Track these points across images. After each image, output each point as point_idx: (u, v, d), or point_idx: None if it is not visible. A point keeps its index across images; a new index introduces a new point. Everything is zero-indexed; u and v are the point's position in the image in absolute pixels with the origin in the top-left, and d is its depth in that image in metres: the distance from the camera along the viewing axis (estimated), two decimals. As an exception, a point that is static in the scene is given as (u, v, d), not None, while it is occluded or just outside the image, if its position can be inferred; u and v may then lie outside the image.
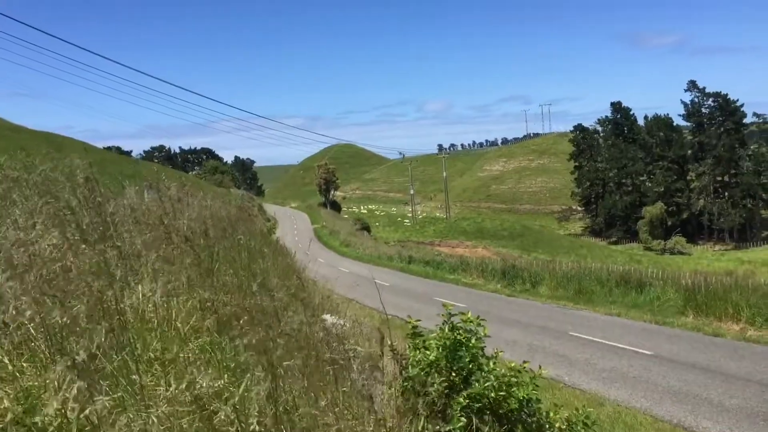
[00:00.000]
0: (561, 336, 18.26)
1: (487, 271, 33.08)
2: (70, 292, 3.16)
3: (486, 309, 21.09)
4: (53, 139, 56.02)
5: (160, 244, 5.57)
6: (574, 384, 13.76)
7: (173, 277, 4.64)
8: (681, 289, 20.99)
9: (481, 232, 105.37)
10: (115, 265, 4.32)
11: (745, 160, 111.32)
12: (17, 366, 2.57)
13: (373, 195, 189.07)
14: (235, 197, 55.73)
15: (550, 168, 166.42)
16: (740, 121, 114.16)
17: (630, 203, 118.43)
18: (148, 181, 9.03)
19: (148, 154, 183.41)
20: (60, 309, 3.08)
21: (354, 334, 8.51)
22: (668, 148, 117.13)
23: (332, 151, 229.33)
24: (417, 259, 45.10)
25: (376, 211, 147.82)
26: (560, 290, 26.15)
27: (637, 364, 14.76)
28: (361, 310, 19.44)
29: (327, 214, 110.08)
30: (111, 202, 6.72)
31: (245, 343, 3.66)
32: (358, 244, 66.43)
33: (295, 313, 5.55)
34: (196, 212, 8.70)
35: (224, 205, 14.05)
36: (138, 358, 2.84)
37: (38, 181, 6.04)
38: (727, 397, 11.94)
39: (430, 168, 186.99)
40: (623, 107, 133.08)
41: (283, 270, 11.09)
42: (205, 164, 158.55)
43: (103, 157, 55.42)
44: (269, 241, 17.94)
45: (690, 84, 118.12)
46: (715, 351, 15.30)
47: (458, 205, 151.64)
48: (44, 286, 3.04)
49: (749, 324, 17.24)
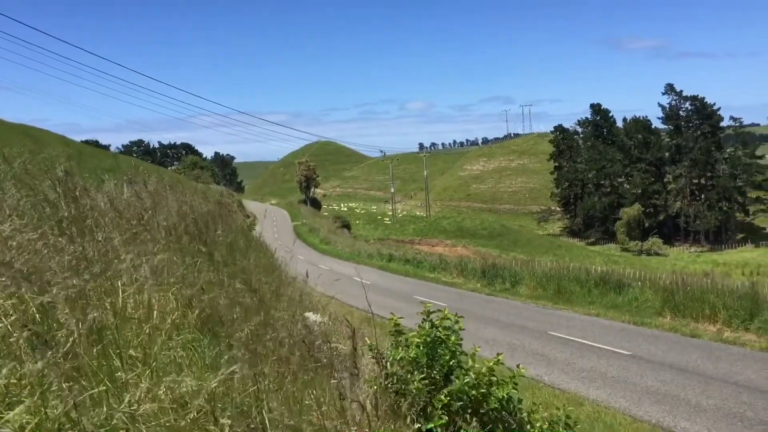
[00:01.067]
0: (540, 335, 18.35)
1: (466, 270, 33.16)
2: (49, 287, 3.09)
3: (466, 308, 21.12)
4: (30, 132, 55.15)
5: (140, 239, 5.50)
6: (554, 383, 13.82)
7: (153, 273, 4.57)
8: (659, 291, 21.18)
9: (461, 231, 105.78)
10: (95, 260, 4.24)
11: (722, 164, 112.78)
12: None
13: (353, 193, 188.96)
14: (215, 193, 55.34)
15: (529, 168, 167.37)
16: (717, 125, 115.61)
17: (608, 204, 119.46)
18: (128, 176, 8.92)
19: (127, 148, 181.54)
20: (38, 303, 3.01)
21: (335, 332, 8.47)
22: (646, 150, 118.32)
23: (313, 148, 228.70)
24: (397, 258, 45.11)
25: (357, 209, 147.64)
26: (540, 290, 26.27)
27: (615, 364, 14.87)
28: (341, 308, 19.37)
29: (307, 212, 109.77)
30: (90, 196, 6.62)
31: (227, 341, 3.61)
32: (338, 242, 66.34)
33: (277, 311, 5.51)
34: (175, 208, 8.61)
35: (204, 201, 13.94)
36: (119, 355, 2.78)
37: (16, 174, 5.92)
38: (704, 397, 12.06)
39: (410, 167, 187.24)
40: (602, 109, 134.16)
41: (264, 267, 11.01)
42: (185, 159, 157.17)
43: (81, 150, 54.62)
44: (249, 238, 17.81)
45: (668, 87, 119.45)
46: (693, 352, 15.46)
47: (438, 204, 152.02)
48: (23, 281, 2.97)
49: (726, 325, 17.44)
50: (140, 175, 9.24)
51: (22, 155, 6.20)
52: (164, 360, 3.35)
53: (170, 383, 2.79)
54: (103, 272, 3.97)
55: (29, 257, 3.54)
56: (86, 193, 6.17)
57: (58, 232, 4.62)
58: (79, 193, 5.96)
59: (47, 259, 3.64)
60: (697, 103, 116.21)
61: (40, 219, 4.84)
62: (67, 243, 4.44)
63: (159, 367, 3.19)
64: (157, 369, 3.12)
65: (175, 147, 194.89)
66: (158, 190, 8.17)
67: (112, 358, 2.95)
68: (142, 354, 3.21)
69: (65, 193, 5.63)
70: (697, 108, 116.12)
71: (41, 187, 5.84)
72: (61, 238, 4.48)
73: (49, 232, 4.56)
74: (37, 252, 3.77)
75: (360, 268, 39.78)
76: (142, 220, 6.54)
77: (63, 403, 2.25)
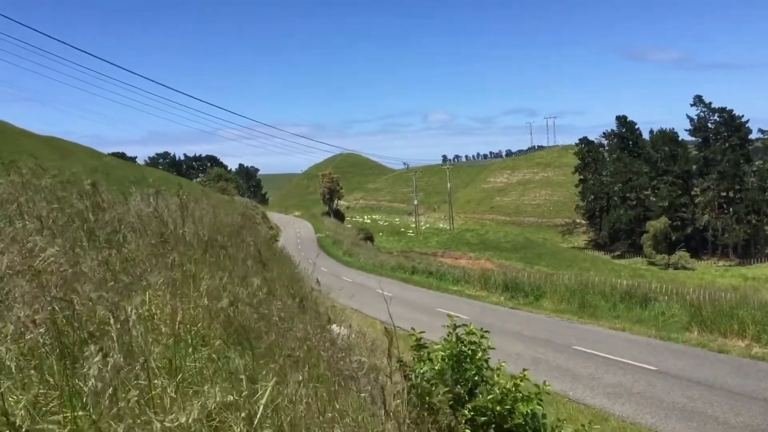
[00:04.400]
0: (565, 350, 18.17)
1: (490, 283, 33.00)
2: (78, 299, 3.14)
3: (489, 321, 21.00)
4: (59, 144, 56.17)
5: (166, 251, 5.56)
6: (579, 399, 13.66)
7: (179, 285, 4.61)
8: (686, 305, 20.90)
9: (485, 244, 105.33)
10: (123, 273, 4.30)
11: (750, 176, 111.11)
12: (26, 374, 2.54)
13: (376, 205, 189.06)
14: (239, 205, 55.78)
15: (554, 181, 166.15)
16: (745, 137, 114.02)
17: (634, 217, 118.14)
18: (155, 188, 9.02)
19: (153, 160, 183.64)
20: (66, 315, 3.05)
21: (358, 344, 8.47)
22: (673, 162, 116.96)
23: (336, 160, 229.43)
24: (420, 270, 45.02)
25: (380, 220, 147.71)
26: (564, 304, 26.05)
27: (642, 379, 14.66)
28: (364, 320, 19.38)
29: (330, 223, 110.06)
30: (117, 209, 6.72)
31: (253, 353, 3.63)
32: (361, 254, 66.35)
33: (302, 323, 5.53)
34: (201, 220, 8.70)
35: (229, 214, 14.05)
36: (145, 367, 2.81)
37: (46, 186, 6.03)
38: (732, 414, 11.84)
39: (434, 179, 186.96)
40: (628, 121, 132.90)
41: (288, 279, 11.06)
42: (210, 171, 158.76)
43: (107, 162, 55.46)
44: (273, 250, 17.92)
45: (696, 99, 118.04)
46: (720, 367, 15.20)
47: (462, 217, 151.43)
48: (53, 292, 3.02)
49: (754, 341, 17.14)
50: (166, 188, 9.36)
51: (51, 169, 6.32)
52: (190, 371, 3.38)
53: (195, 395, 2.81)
54: (131, 284, 4.02)
55: (57, 269, 3.60)
56: (113, 207, 6.26)
57: (87, 245, 4.69)
58: (106, 205, 6.06)
59: (75, 272, 3.70)
60: (725, 115, 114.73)
61: (68, 231, 4.93)
62: (95, 255, 4.50)
63: (185, 378, 3.22)
64: (183, 380, 3.15)
65: (201, 159, 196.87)
66: (184, 203, 8.26)
67: (140, 370, 2.98)
68: (168, 365, 3.24)
69: (93, 206, 5.72)
70: (725, 120, 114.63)
71: (70, 199, 5.94)
72: (90, 250, 4.55)
73: (77, 244, 4.63)
74: (65, 264, 3.82)
75: (383, 281, 39.78)
76: (167, 232, 6.61)
77: (96, 413, 2.28)
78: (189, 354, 3.53)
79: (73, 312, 3.04)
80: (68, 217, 5.35)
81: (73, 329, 3.03)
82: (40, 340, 2.78)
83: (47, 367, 2.62)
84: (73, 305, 3.08)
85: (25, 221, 4.68)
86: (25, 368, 2.61)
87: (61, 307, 3.06)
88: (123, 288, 3.84)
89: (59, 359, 2.70)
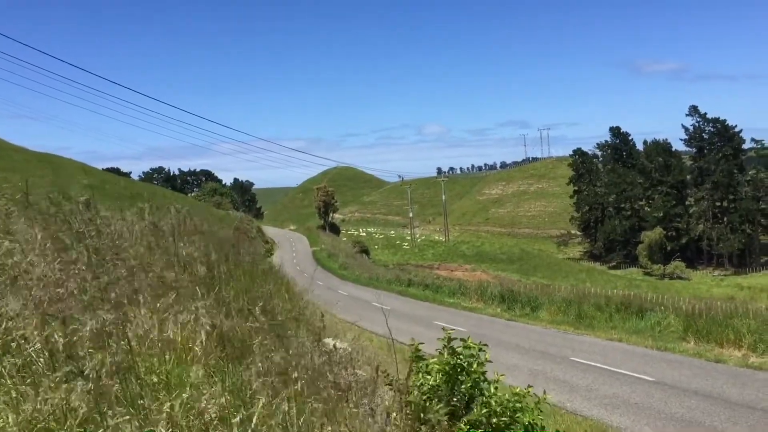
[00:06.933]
0: (562, 361, 18.14)
1: (486, 295, 32.99)
2: (73, 316, 3.13)
3: (486, 333, 20.96)
4: (51, 159, 56.13)
5: (162, 268, 5.56)
6: (576, 410, 13.62)
7: (175, 301, 4.61)
8: (682, 315, 20.91)
9: (480, 256, 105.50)
10: (118, 289, 4.29)
11: (744, 186, 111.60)
12: (20, 390, 2.53)
13: (372, 218, 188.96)
14: (233, 219, 55.74)
15: (548, 192, 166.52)
16: (739, 147, 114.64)
17: (629, 228, 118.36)
18: (149, 204, 9.02)
19: (148, 175, 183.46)
20: (62, 332, 3.05)
21: (354, 358, 8.45)
22: (667, 173, 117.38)
23: (331, 173, 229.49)
24: (416, 283, 45.00)
25: (375, 234, 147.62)
26: (560, 315, 26.04)
27: (639, 390, 14.64)
28: (361, 333, 19.32)
29: (326, 237, 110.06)
30: (112, 226, 6.71)
31: (248, 368, 3.62)
32: (357, 267, 66.34)
33: (297, 338, 5.52)
34: (195, 235, 8.70)
35: (223, 228, 14.05)
36: (142, 382, 2.81)
37: (40, 203, 6.03)
38: (730, 424, 11.82)
39: (429, 191, 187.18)
40: (622, 132, 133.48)
41: (284, 293, 11.03)
42: (204, 186, 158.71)
43: (102, 178, 55.50)
44: (269, 264, 17.89)
45: (691, 109, 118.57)
46: (718, 377, 15.19)
47: (457, 229, 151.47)
48: (47, 309, 3.02)
49: (751, 350, 17.13)
50: (160, 204, 9.36)
51: (44, 186, 6.32)
52: (185, 386, 3.37)
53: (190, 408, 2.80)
54: (126, 300, 4.01)
55: (53, 286, 3.60)
56: (108, 224, 6.26)
57: (80, 264, 4.68)
58: (99, 223, 6.05)
59: (69, 291, 3.69)
60: (718, 125, 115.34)
61: (61, 249, 4.92)
62: (88, 273, 4.50)
63: (180, 394, 3.21)
64: (179, 396, 3.14)
65: (195, 174, 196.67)
66: (179, 219, 8.26)
67: (133, 384, 2.97)
68: (164, 381, 3.24)
69: (86, 223, 5.72)
70: (719, 130, 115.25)
71: (62, 217, 5.93)
72: (84, 268, 4.54)
73: (70, 262, 4.62)
74: (58, 283, 3.82)
75: (379, 294, 39.72)
76: (160, 248, 6.61)
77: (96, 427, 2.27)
78: (184, 370, 3.53)
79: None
80: (61, 235, 5.35)
81: (69, 348, 3.02)
82: (34, 357, 2.77)
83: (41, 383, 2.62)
84: (67, 324, 3.07)
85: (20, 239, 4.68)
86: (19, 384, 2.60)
87: (55, 324, 3.05)
88: (117, 307, 3.83)
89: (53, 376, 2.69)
